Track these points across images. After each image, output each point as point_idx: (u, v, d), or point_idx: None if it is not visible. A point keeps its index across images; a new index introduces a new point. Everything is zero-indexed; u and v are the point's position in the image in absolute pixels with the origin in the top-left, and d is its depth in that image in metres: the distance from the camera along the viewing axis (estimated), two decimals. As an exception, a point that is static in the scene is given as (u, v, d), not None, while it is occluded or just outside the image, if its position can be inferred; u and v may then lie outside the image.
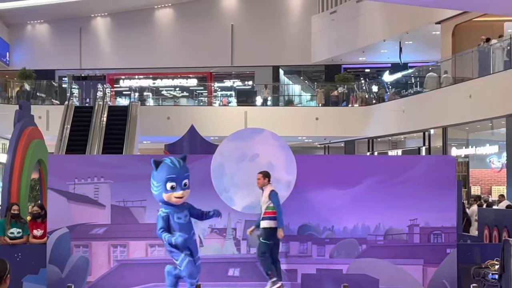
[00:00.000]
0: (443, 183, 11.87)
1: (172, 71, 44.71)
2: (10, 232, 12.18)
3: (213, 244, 11.50)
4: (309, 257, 11.87)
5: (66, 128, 28.16)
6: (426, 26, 31.02)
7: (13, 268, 5.76)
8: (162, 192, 10.24)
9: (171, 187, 10.24)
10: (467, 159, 26.87)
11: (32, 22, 44.29)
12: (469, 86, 24.51)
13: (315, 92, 37.45)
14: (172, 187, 10.23)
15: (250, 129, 12.27)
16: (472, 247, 12.42)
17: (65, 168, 11.87)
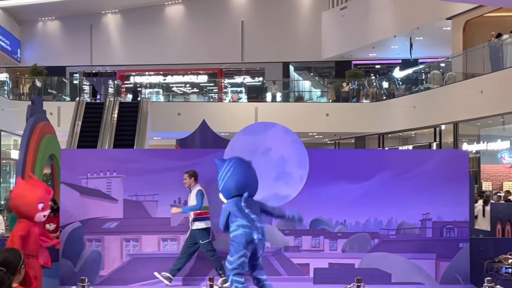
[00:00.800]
0: (456, 177, 11.85)
1: (182, 68, 44.72)
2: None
3: (224, 238, 11.51)
4: (321, 251, 11.88)
5: (77, 124, 28.23)
6: (436, 21, 30.91)
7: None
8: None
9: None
10: (478, 155, 26.78)
11: (43, 19, 44.36)
12: (480, 82, 24.43)
13: (326, 88, 37.40)
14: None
15: (262, 123, 12.27)
16: (485, 242, 12.39)
17: (78, 162, 11.92)
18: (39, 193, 10.57)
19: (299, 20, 42.82)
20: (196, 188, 11.31)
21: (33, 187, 10.65)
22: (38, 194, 10.54)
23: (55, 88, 35.61)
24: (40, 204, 10.46)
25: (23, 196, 10.57)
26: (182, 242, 11.65)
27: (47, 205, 10.62)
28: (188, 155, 12.37)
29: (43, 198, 10.59)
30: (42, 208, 10.52)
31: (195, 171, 11.36)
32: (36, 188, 10.63)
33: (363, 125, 33.56)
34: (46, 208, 10.59)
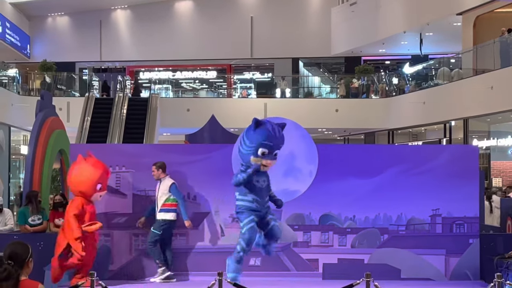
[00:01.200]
0: (466, 173, 11.80)
1: (191, 63, 44.72)
2: (32, 220, 12.24)
3: (234, 233, 11.49)
4: (331, 247, 11.85)
5: (87, 120, 28.27)
6: (447, 17, 30.78)
7: (35, 257, 5.77)
8: (251, 154, 10.17)
9: (262, 153, 10.19)
10: (489, 151, 26.68)
11: (52, 14, 44.42)
12: (490, 78, 24.33)
13: (336, 84, 37.33)
14: (264, 153, 10.18)
15: (271, 118, 12.22)
16: (495, 237, 12.33)
17: (87, 157, 11.90)
18: (99, 173, 10.60)
19: (308, 15, 42.75)
20: (169, 181, 11.35)
21: (93, 167, 10.66)
22: (98, 174, 10.57)
23: (65, 84, 35.66)
24: (98, 184, 10.49)
25: (82, 173, 10.61)
26: (191, 237, 11.65)
27: (104, 186, 10.63)
28: (197, 150, 12.36)
29: (102, 178, 10.62)
30: (100, 188, 10.54)
31: (163, 163, 11.42)
32: (96, 168, 10.66)
33: (373, 121, 33.50)
34: (103, 189, 10.61)
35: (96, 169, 10.71)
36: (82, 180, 10.68)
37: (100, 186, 10.63)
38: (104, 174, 10.80)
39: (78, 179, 10.69)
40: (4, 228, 12.75)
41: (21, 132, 32.60)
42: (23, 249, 5.65)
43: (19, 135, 32.99)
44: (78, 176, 10.72)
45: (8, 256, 5.55)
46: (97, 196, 10.70)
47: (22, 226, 12.42)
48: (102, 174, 10.74)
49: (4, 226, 12.80)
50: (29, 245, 5.77)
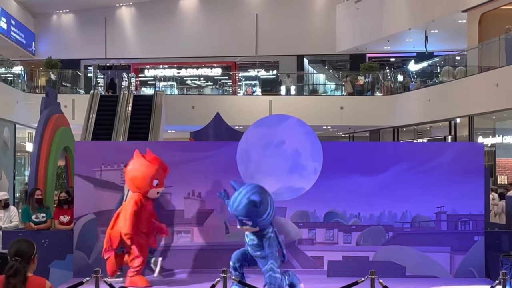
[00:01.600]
0: (471, 170, 11.79)
1: (196, 61, 44.71)
2: (35, 217, 12.25)
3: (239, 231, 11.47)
4: (335, 244, 11.85)
5: (92, 117, 28.27)
6: (452, 14, 30.71)
7: (39, 254, 5.80)
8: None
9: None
10: (494, 148, 26.63)
11: (57, 12, 44.43)
12: (496, 75, 24.26)
13: (341, 82, 37.29)
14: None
15: (276, 115, 12.20)
16: (500, 235, 12.33)
17: (92, 154, 11.93)
18: (155, 168, 10.58)
19: (313, 13, 42.70)
20: None
21: (150, 162, 10.65)
22: (154, 169, 10.55)
23: (70, 81, 35.68)
24: (155, 180, 10.47)
25: (139, 169, 10.60)
26: (195, 235, 11.65)
27: (161, 182, 10.60)
28: (202, 148, 12.37)
29: (159, 174, 10.59)
30: (157, 184, 10.52)
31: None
32: (153, 163, 10.64)
33: (378, 118, 33.46)
34: (161, 185, 10.58)
35: (152, 165, 10.67)
36: (138, 175, 10.66)
37: (156, 182, 10.59)
38: (161, 170, 10.72)
39: (134, 175, 10.68)
40: (9, 225, 12.78)
41: (26, 130, 32.63)
42: (28, 247, 5.72)
43: (24, 132, 33.02)
44: (134, 171, 10.70)
45: (14, 253, 5.62)
46: (154, 192, 10.64)
47: (26, 223, 12.45)
48: (158, 170, 10.68)
49: (9, 223, 12.83)
50: (33, 242, 5.82)
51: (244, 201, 9.44)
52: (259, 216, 9.34)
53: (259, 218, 9.36)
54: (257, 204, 9.35)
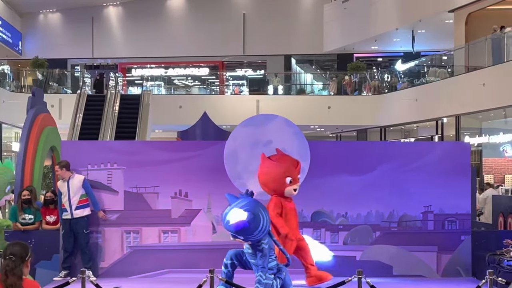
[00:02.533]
0: (458, 170, 11.81)
1: (184, 60, 44.65)
2: (22, 218, 12.18)
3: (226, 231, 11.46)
4: (323, 244, 11.84)
5: (79, 117, 28.18)
6: (439, 14, 30.82)
7: (26, 254, 5.82)
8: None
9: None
10: (480, 148, 26.73)
11: (44, 11, 44.27)
12: (482, 75, 24.36)
13: (328, 81, 37.31)
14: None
15: (263, 115, 12.21)
16: (486, 234, 12.36)
17: (78, 154, 11.89)
18: (284, 167, 10.47)
19: (301, 12, 42.72)
20: (79, 177, 11.53)
21: (278, 162, 10.54)
22: (283, 168, 10.45)
23: (57, 81, 35.55)
24: (287, 178, 10.38)
25: (269, 172, 10.49)
26: (182, 234, 11.63)
27: (295, 179, 10.48)
28: (189, 147, 12.34)
29: (289, 171, 10.48)
30: (290, 182, 10.42)
31: (67, 161, 11.57)
32: (281, 162, 10.53)
33: (365, 118, 33.52)
34: (295, 182, 10.47)
35: (281, 164, 10.55)
36: (270, 178, 10.52)
37: (289, 179, 10.49)
38: (291, 166, 10.55)
39: (266, 178, 10.56)
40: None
41: (13, 129, 32.50)
42: (23, 249, 5.75)
43: (10, 131, 32.89)
44: (264, 176, 10.57)
45: (9, 254, 5.65)
46: (290, 190, 10.51)
47: (14, 223, 12.38)
48: (288, 167, 10.55)
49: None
50: (28, 245, 5.86)
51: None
52: (249, 234, 9.33)
53: (250, 235, 9.35)
54: (247, 223, 9.34)
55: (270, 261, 9.64)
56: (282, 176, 10.37)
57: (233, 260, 9.77)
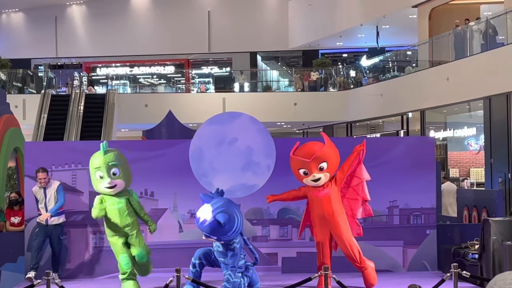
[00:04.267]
0: (423, 164, 11.89)
1: (149, 59, 44.48)
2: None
3: (193, 229, 11.44)
4: (289, 241, 11.86)
5: (43, 117, 27.93)
6: (402, 9, 31.02)
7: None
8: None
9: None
10: (445, 142, 26.96)
11: (6, 11, 43.86)
12: (446, 69, 24.56)
13: (293, 78, 37.39)
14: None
15: (229, 113, 12.18)
16: (451, 228, 12.48)
17: (42, 155, 11.78)
18: (295, 160, 10.51)
19: (266, 9, 42.76)
20: (56, 183, 11.35)
21: (292, 155, 10.56)
22: (294, 161, 10.51)
23: (20, 81, 35.20)
24: (300, 170, 10.32)
25: (291, 164, 10.52)
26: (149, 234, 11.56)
27: (310, 170, 10.40)
28: (154, 146, 12.29)
29: (302, 164, 10.44)
30: (305, 173, 10.37)
31: (43, 167, 11.36)
32: (295, 155, 10.56)
33: (331, 114, 33.62)
34: (311, 173, 10.41)
35: (293, 157, 10.59)
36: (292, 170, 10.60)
37: (303, 171, 10.47)
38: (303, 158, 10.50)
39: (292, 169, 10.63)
40: None
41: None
42: None
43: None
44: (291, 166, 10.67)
45: None
46: (308, 181, 10.48)
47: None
48: (299, 160, 10.51)
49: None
50: None
51: (210, 219, 9.39)
52: (224, 234, 9.33)
53: (224, 236, 9.35)
54: (222, 224, 9.34)
55: (239, 260, 9.67)
56: (295, 168, 10.48)
57: (201, 260, 9.76)
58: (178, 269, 8.96)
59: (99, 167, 10.16)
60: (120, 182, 10.20)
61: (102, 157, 10.17)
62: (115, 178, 10.16)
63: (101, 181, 10.18)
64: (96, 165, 10.21)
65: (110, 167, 10.10)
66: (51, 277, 8.80)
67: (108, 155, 10.19)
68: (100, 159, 10.17)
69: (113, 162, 10.14)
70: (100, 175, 10.15)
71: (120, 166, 10.21)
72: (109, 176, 10.12)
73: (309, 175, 10.40)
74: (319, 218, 10.49)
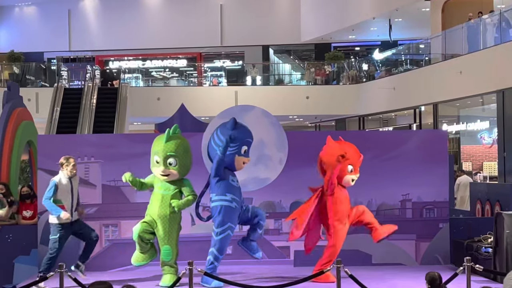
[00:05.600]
0: (436, 158, 11.87)
1: (161, 52, 44.47)
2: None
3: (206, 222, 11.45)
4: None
5: (56, 110, 27.99)
6: (415, 3, 30.88)
7: (4, 250, 5.73)
8: (236, 153, 10.29)
9: (244, 151, 10.37)
10: (458, 135, 26.87)
11: (20, 4, 43.94)
12: (459, 62, 24.44)
13: (306, 71, 37.32)
14: (245, 151, 10.39)
15: (241, 106, 12.21)
16: (464, 221, 12.44)
17: (55, 148, 11.81)
18: (349, 155, 10.54)
19: (278, 2, 42.68)
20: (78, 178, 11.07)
21: (342, 146, 10.61)
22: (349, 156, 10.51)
23: (33, 74, 35.30)
24: (349, 166, 10.36)
25: (332, 154, 10.60)
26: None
27: (355, 169, 10.50)
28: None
29: (352, 160, 10.51)
30: (351, 170, 10.40)
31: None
32: (345, 147, 10.61)
33: (343, 108, 33.55)
34: (355, 172, 10.50)
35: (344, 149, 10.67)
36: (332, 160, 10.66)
37: (351, 168, 10.52)
38: (354, 155, 10.66)
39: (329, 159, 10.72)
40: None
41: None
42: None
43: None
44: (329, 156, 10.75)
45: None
46: (348, 179, 10.58)
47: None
48: (352, 155, 10.63)
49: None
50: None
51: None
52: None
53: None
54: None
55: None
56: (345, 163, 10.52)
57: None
58: (191, 262, 8.97)
59: (157, 152, 10.27)
60: (174, 172, 10.29)
61: (163, 145, 10.27)
62: (171, 167, 10.25)
63: (157, 166, 10.31)
64: (155, 149, 10.33)
65: (168, 156, 10.19)
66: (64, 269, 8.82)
67: (169, 143, 10.27)
68: (160, 146, 10.28)
69: (171, 152, 10.23)
70: (157, 160, 10.27)
71: (178, 157, 10.27)
72: (164, 165, 10.23)
73: (352, 173, 10.47)
74: (344, 214, 10.53)
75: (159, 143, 10.33)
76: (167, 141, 10.27)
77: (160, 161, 10.23)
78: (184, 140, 10.48)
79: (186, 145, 10.49)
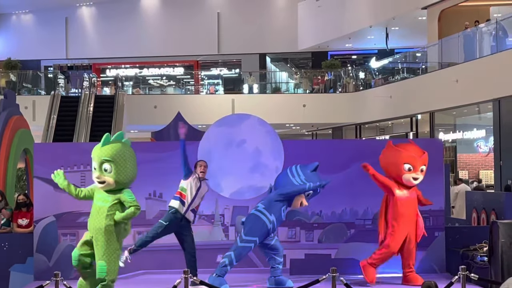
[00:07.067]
0: (431, 167, 11.83)
1: (158, 60, 44.54)
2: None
3: (201, 230, 11.47)
4: (298, 242, 11.87)
5: (53, 118, 28.00)
6: (412, 11, 30.97)
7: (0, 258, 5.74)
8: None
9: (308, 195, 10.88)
10: (455, 144, 26.91)
11: (17, 12, 44.00)
12: (455, 71, 24.48)
13: (302, 79, 37.37)
14: (309, 195, 10.90)
15: (237, 115, 12.24)
16: (460, 230, 12.45)
17: (51, 156, 11.82)
18: (404, 153, 10.68)
19: (275, 11, 42.76)
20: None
21: (400, 148, 10.81)
22: (403, 154, 10.68)
23: (30, 82, 35.32)
24: (405, 165, 10.37)
25: (388, 156, 10.81)
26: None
27: (415, 167, 10.64)
28: (163, 148, 12.32)
29: (410, 159, 10.63)
30: (409, 169, 10.44)
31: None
32: (403, 149, 10.78)
33: (340, 116, 33.59)
34: (415, 170, 10.63)
35: (402, 150, 10.85)
36: (388, 162, 10.91)
37: (408, 166, 10.68)
38: (413, 154, 10.79)
39: (386, 162, 10.98)
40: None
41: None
42: None
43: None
44: (385, 158, 11.03)
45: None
46: (408, 177, 10.76)
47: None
48: (410, 155, 10.76)
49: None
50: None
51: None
52: None
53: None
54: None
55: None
56: (398, 161, 10.61)
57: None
58: (186, 271, 8.97)
59: (93, 157, 9.76)
60: (109, 180, 9.66)
61: (98, 150, 9.72)
62: (106, 174, 9.65)
63: (93, 172, 9.78)
64: (92, 155, 9.81)
65: (102, 162, 9.60)
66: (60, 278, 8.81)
67: (106, 148, 9.67)
68: (96, 151, 9.74)
69: (106, 157, 9.60)
70: (94, 166, 9.74)
71: (115, 163, 9.63)
72: (99, 171, 9.67)
73: (412, 172, 10.51)
74: (403, 217, 10.55)
75: (96, 148, 9.83)
76: (103, 145, 9.74)
77: (96, 166, 9.73)
78: (127, 146, 9.93)
79: (128, 152, 9.88)
